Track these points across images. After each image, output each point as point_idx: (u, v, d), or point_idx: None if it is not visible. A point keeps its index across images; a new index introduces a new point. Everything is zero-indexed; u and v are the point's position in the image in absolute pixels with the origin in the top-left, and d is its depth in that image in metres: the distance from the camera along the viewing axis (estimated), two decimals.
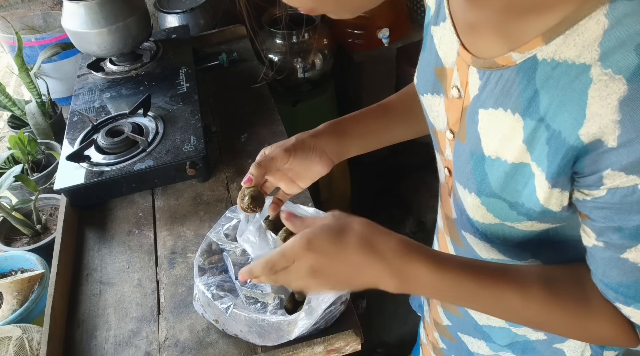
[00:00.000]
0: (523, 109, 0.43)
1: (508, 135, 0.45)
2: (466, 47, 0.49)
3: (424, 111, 0.62)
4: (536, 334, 0.66)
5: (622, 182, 0.38)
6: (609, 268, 0.45)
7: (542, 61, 0.41)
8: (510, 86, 0.44)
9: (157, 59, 1.30)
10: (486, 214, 0.52)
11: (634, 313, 0.46)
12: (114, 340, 0.80)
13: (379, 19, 1.72)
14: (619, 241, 0.42)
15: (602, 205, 0.41)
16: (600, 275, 0.46)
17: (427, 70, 0.58)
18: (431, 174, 2.34)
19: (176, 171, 1.02)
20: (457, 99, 0.52)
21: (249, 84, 1.31)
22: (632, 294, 0.44)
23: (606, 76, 0.36)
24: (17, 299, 0.99)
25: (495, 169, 0.48)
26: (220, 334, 0.79)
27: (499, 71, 0.45)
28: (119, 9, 1.18)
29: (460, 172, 0.54)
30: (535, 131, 0.42)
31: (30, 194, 1.23)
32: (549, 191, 0.44)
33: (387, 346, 1.71)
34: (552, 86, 0.40)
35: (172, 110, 1.12)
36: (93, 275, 0.91)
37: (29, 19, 1.55)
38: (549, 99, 0.40)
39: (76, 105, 1.19)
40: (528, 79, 0.42)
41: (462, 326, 0.75)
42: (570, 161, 0.40)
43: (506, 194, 0.48)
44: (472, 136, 0.50)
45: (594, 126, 0.37)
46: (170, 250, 0.93)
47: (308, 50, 1.71)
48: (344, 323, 0.77)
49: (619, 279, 0.44)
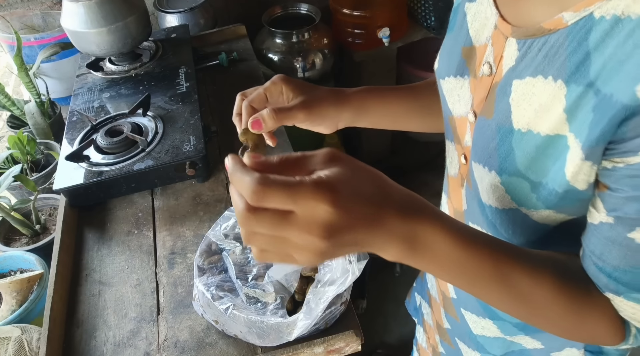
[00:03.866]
0: (569, 74, 0.40)
1: (546, 104, 0.42)
2: (505, 19, 0.48)
3: (442, 97, 0.60)
4: (533, 343, 0.64)
5: None
6: (609, 248, 0.43)
7: (599, 19, 0.38)
8: (556, 50, 0.42)
9: (156, 59, 1.30)
10: (503, 196, 0.50)
11: (623, 304, 0.44)
12: (113, 341, 0.80)
13: (379, 18, 1.72)
14: (633, 215, 0.40)
15: (635, 173, 0.38)
16: (595, 258, 0.44)
17: (453, 51, 0.56)
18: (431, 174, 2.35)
19: (176, 171, 1.02)
20: (487, 76, 0.50)
21: (249, 84, 1.30)
22: (627, 280, 0.43)
23: None
24: (16, 299, 0.99)
25: (524, 144, 0.45)
26: (220, 334, 0.79)
27: (544, 37, 0.43)
28: (119, 8, 1.18)
29: (481, 152, 0.51)
30: (581, 97, 0.40)
31: (29, 194, 1.23)
32: (580, 163, 0.41)
33: (387, 346, 1.71)
34: (608, 46, 0.37)
35: (172, 110, 1.12)
36: (92, 275, 0.91)
37: (28, 19, 1.55)
38: (602, 61, 0.38)
39: (75, 105, 1.19)
40: (579, 41, 0.40)
41: (459, 332, 0.74)
42: (615, 126, 0.38)
43: (531, 172, 0.45)
44: (501, 110, 0.48)
45: None
46: (170, 250, 0.93)
47: (308, 50, 1.70)
48: (344, 323, 0.77)
49: (616, 262, 0.42)
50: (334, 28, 1.83)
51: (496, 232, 0.55)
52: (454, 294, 0.72)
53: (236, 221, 0.83)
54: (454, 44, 0.57)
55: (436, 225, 0.40)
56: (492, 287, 0.44)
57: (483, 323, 0.67)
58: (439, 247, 0.41)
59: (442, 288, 0.77)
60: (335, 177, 0.37)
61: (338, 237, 0.36)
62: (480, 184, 0.52)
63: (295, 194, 0.35)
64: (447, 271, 0.43)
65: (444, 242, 0.41)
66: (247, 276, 0.79)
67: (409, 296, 1.02)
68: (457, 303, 0.72)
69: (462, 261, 0.42)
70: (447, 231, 0.41)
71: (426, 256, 0.41)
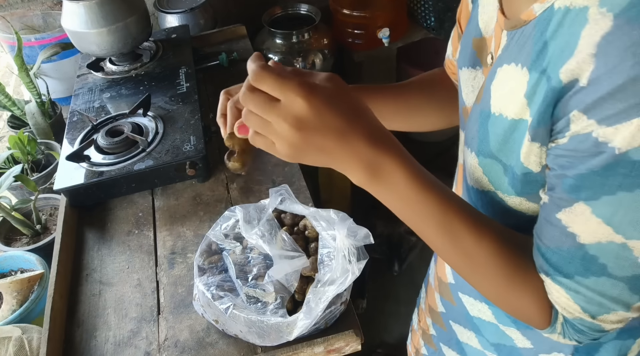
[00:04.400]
0: (531, 62, 0.43)
1: (513, 90, 0.45)
2: (504, 12, 0.50)
3: (459, 87, 0.63)
4: (523, 341, 0.65)
5: (582, 127, 0.38)
6: (545, 227, 0.45)
7: (557, 10, 0.41)
8: (525, 40, 0.45)
9: (157, 59, 1.30)
10: (482, 178, 0.53)
11: (551, 287, 0.45)
12: (113, 340, 0.80)
13: (379, 18, 1.72)
14: (559, 195, 0.42)
15: (561, 153, 0.41)
16: (537, 237, 0.47)
17: (467, 42, 0.59)
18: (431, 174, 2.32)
19: (176, 171, 1.02)
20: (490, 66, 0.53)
21: None
22: (554, 261, 0.44)
23: (600, 14, 0.36)
24: (16, 299, 0.99)
25: (496, 127, 0.48)
26: (220, 334, 0.79)
27: (521, 29, 0.46)
28: (119, 8, 1.18)
29: (469, 134, 0.54)
30: (536, 84, 0.42)
31: (30, 194, 1.23)
32: (529, 145, 0.44)
33: (387, 346, 1.71)
34: (559, 35, 0.40)
35: (172, 110, 1.12)
36: (93, 275, 0.91)
37: (29, 19, 1.55)
38: (553, 49, 0.41)
39: (76, 105, 1.19)
40: (542, 31, 0.42)
41: (454, 315, 0.75)
42: (549, 106, 0.41)
43: (502, 155, 0.48)
44: (485, 95, 0.51)
45: (574, 62, 0.38)
46: (170, 250, 0.93)
47: (308, 50, 1.70)
48: (344, 323, 0.77)
49: (548, 242, 0.45)
50: (334, 28, 1.83)
51: None
52: (451, 279, 0.74)
53: (236, 221, 0.83)
54: (468, 35, 0.59)
55: (399, 160, 0.46)
56: (438, 232, 0.48)
57: (479, 306, 0.68)
58: (397, 180, 0.46)
59: (439, 274, 0.78)
60: (321, 86, 0.44)
61: (307, 133, 0.43)
62: (466, 166, 0.56)
63: (283, 84, 0.43)
64: (400, 205, 0.48)
65: (402, 176, 0.46)
66: (247, 276, 0.79)
67: None
68: (454, 287, 0.73)
69: (414, 198, 0.47)
70: (408, 168, 0.46)
71: (385, 186, 0.46)
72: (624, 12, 0.35)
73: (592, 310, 0.44)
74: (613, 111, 0.36)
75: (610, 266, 0.41)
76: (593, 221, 0.40)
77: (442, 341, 0.82)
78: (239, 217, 0.80)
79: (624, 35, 0.34)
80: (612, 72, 0.35)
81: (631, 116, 0.35)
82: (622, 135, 0.36)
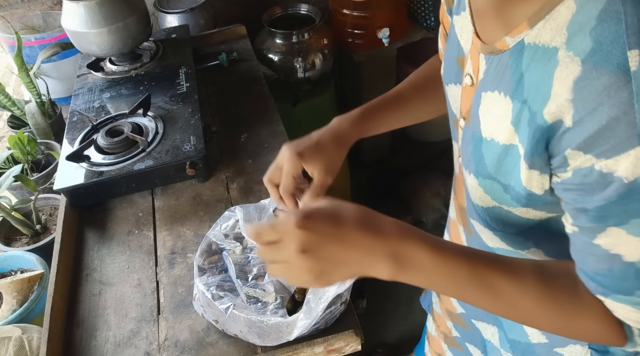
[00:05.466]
0: (512, 91, 0.45)
1: (500, 117, 0.47)
2: (479, 35, 0.51)
3: (447, 102, 0.64)
4: (538, 337, 0.66)
5: (582, 162, 0.39)
6: (585, 255, 0.45)
7: (527, 45, 0.43)
8: (504, 69, 0.46)
9: (157, 59, 1.30)
10: (484, 197, 0.54)
11: (614, 306, 0.45)
12: (113, 340, 0.80)
13: (379, 18, 1.72)
14: (588, 225, 0.43)
15: (569, 187, 0.42)
16: (580, 264, 0.47)
17: (451, 60, 0.60)
18: (431, 174, 2.34)
19: (176, 171, 1.02)
20: (470, 86, 0.54)
21: (249, 84, 1.31)
22: (608, 283, 0.44)
23: (568, 58, 0.38)
24: (16, 299, 0.99)
25: (489, 151, 0.50)
26: (220, 334, 0.79)
27: (498, 56, 0.47)
28: (119, 9, 1.18)
29: (464, 155, 0.56)
30: (520, 112, 0.44)
31: (29, 194, 1.23)
32: (527, 172, 0.45)
33: (387, 346, 1.71)
34: (533, 69, 0.42)
35: (172, 110, 1.12)
36: (93, 275, 0.91)
37: (29, 19, 1.55)
38: (530, 82, 0.43)
39: (76, 105, 1.19)
40: (517, 63, 0.44)
41: (476, 313, 0.76)
42: (540, 141, 0.42)
43: (500, 176, 0.50)
44: (474, 119, 0.52)
45: (554, 105, 0.40)
46: (170, 250, 0.93)
47: (308, 50, 1.71)
48: (344, 323, 0.77)
49: (594, 266, 0.45)
50: (334, 28, 1.83)
51: (489, 227, 0.58)
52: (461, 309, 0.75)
53: (236, 221, 0.83)
54: (451, 53, 0.60)
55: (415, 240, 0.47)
56: (480, 293, 0.49)
57: None
58: (423, 260, 0.47)
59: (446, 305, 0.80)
60: (312, 207, 0.48)
61: (314, 251, 0.46)
62: (467, 186, 0.57)
63: (276, 226, 0.47)
64: (435, 281, 0.49)
65: (426, 255, 0.47)
66: (247, 276, 0.79)
67: (425, 292, 1.03)
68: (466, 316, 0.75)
69: (445, 270, 0.47)
70: (427, 244, 0.47)
71: (414, 269, 0.47)
72: (589, 58, 0.37)
73: None
74: (607, 146, 0.37)
75: None
76: (632, 240, 0.40)
77: (467, 341, 0.82)
78: (239, 217, 0.80)
79: (594, 81, 0.36)
80: (593, 114, 0.37)
81: (626, 148, 0.36)
82: (624, 166, 0.37)
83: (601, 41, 0.36)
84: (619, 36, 0.35)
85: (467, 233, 0.68)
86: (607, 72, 0.36)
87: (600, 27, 0.36)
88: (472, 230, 0.64)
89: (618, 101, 0.35)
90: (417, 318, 1.72)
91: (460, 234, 0.72)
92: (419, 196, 2.02)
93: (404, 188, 2.10)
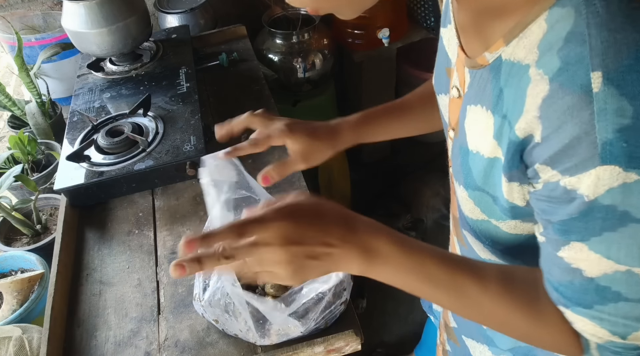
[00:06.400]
0: (493, 106, 0.46)
1: (483, 130, 0.48)
2: (464, 49, 0.52)
3: (440, 111, 0.65)
4: None
5: (550, 176, 0.40)
6: (551, 265, 0.46)
7: (504, 61, 0.44)
8: (485, 83, 0.47)
9: (157, 59, 1.30)
10: (474, 209, 0.54)
11: (573, 317, 0.46)
12: (114, 340, 0.80)
13: (379, 19, 1.72)
14: (553, 236, 0.43)
15: (540, 197, 0.43)
16: (546, 273, 0.47)
17: (441, 70, 0.60)
18: (431, 174, 2.34)
19: (176, 171, 1.02)
20: (457, 98, 0.55)
21: (249, 84, 1.31)
22: (570, 295, 0.45)
23: (539, 75, 0.39)
24: (17, 299, 1.00)
25: (476, 163, 0.50)
26: (220, 334, 0.79)
27: (480, 70, 0.48)
28: (119, 9, 1.18)
29: (454, 167, 0.56)
30: (501, 127, 0.45)
31: (30, 194, 1.24)
32: (507, 185, 0.46)
33: (387, 346, 1.71)
34: (510, 85, 0.43)
35: (172, 110, 1.12)
36: (93, 275, 0.91)
37: (29, 19, 1.55)
38: (508, 97, 0.43)
39: (76, 105, 1.19)
40: (496, 78, 0.45)
41: (466, 330, 0.75)
42: (515, 155, 0.43)
43: (487, 187, 0.50)
44: (462, 131, 0.53)
45: (524, 121, 0.41)
46: (170, 250, 0.93)
47: (308, 50, 1.71)
48: (344, 323, 0.77)
49: (558, 277, 0.45)
50: (334, 28, 1.83)
51: (479, 240, 0.58)
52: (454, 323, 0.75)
53: None
54: (440, 63, 0.61)
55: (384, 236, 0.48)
56: (444, 291, 0.50)
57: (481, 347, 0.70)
58: (388, 253, 0.48)
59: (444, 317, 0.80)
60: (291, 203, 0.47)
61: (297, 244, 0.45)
62: (457, 197, 0.57)
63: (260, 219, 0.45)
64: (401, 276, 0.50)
65: (390, 247, 0.48)
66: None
67: None
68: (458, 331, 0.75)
69: (411, 265, 0.48)
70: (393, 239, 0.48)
71: (380, 263, 0.48)
72: (556, 77, 0.38)
73: (620, 331, 0.44)
74: (570, 164, 0.38)
75: (624, 292, 0.42)
76: (593, 256, 0.41)
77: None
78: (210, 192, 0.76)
79: (560, 100, 0.37)
80: (558, 132, 0.38)
81: (588, 167, 0.37)
82: (585, 184, 0.37)
83: (567, 61, 0.37)
84: (583, 57, 0.36)
85: (461, 244, 0.68)
86: (571, 92, 0.37)
87: (567, 47, 0.37)
88: (465, 241, 0.64)
89: (580, 120, 0.36)
90: (417, 318, 1.72)
91: (455, 245, 0.71)
92: (419, 196, 2.02)
93: (404, 188, 2.10)
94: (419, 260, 0.49)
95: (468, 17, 0.49)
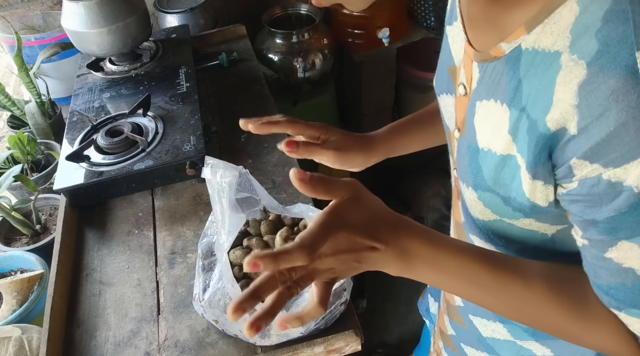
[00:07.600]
0: (509, 99, 0.44)
1: (497, 126, 0.46)
2: (471, 43, 0.50)
3: (441, 113, 0.63)
4: (542, 350, 0.64)
5: (588, 172, 0.38)
6: (598, 268, 0.44)
7: (525, 50, 0.41)
8: (499, 76, 0.45)
9: (156, 59, 1.30)
10: (484, 210, 0.52)
11: (628, 320, 0.44)
12: (113, 340, 0.80)
13: (379, 18, 1.72)
14: (598, 237, 0.41)
15: (575, 198, 0.41)
16: (593, 277, 0.45)
17: (443, 70, 0.59)
18: (431, 174, 2.34)
19: (176, 171, 1.02)
20: (464, 96, 0.53)
21: (249, 84, 1.31)
22: (622, 297, 0.43)
23: (572, 61, 0.37)
24: (16, 299, 0.99)
25: (487, 162, 0.48)
26: (220, 334, 0.79)
27: (493, 63, 0.46)
28: (119, 8, 1.18)
29: (461, 167, 0.54)
30: (518, 121, 0.43)
31: (29, 194, 1.23)
32: (531, 183, 0.44)
33: (387, 346, 1.71)
34: (532, 75, 0.41)
35: (172, 110, 1.12)
36: (93, 275, 0.91)
37: (29, 19, 1.55)
38: (529, 88, 0.41)
39: (76, 105, 1.19)
40: (514, 69, 0.43)
41: (465, 337, 0.74)
42: (543, 150, 0.41)
43: (498, 188, 0.48)
44: (469, 129, 0.51)
45: (557, 111, 0.38)
46: (170, 250, 0.93)
47: (308, 50, 1.70)
48: (344, 323, 0.77)
49: (607, 280, 0.43)
50: (334, 28, 1.83)
51: (492, 242, 0.56)
52: (460, 302, 0.73)
53: None
54: (443, 63, 0.60)
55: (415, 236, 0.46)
56: (489, 291, 0.47)
57: (493, 326, 0.67)
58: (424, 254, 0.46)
59: (446, 296, 0.78)
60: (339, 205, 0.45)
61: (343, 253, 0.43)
62: (465, 198, 0.55)
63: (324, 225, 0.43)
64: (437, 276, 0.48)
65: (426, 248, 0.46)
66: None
67: (422, 296, 1.03)
68: (463, 310, 0.72)
69: (447, 264, 0.47)
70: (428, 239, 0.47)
71: (417, 264, 0.46)
72: (594, 61, 0.35)
73: None
74: (615, 154, 0.35)
75: None
76: None
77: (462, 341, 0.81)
78: None
79: (602, 84, 0.35)
80: (600, 120, 0.35)
81: (636, 155, 0.35)
82: (634, 174, 0.35)
83: (608, 42, 0.34)
84: (626, 37, 0.34)
85: None
86: (615, 75, 0.34)
87: (607, 28, 0.35)
88: None
89: (627, 105, 0.34)
90: (417, 318, 1.71)
91: None
92: (419, 195, 2.02)
93: (404, 188, 2.10)
94: (458, 260, 0.47)
95: (479, 8, 0.47)
